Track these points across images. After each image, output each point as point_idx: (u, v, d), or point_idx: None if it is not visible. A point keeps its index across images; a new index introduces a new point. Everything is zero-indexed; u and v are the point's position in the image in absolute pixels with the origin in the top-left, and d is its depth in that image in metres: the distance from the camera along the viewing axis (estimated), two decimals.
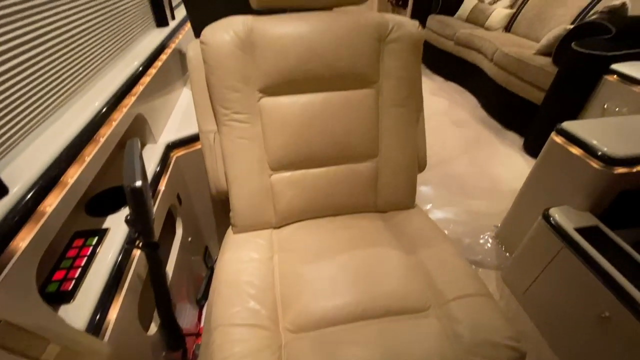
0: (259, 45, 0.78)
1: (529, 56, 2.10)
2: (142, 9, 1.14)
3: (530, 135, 2.06)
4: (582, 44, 1.67)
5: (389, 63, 0.85)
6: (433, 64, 3.37)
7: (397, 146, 0.92)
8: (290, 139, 0.85)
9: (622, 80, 1.56)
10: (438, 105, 2.72)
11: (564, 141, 1.07)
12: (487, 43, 2.53)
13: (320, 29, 0.80)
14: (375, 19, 0.83)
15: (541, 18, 2.60)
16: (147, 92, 0.94)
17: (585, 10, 2.30)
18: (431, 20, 3.25)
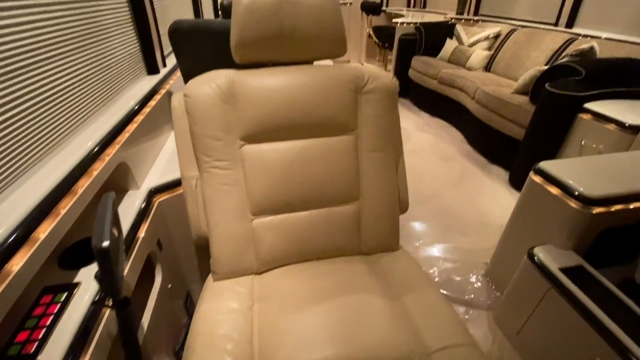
0: (240, 96, 0.81)
1: (507, 95, 2.21)
2: (134, 58, 1.19)
3: (515, 170, 2.10)
4: (555, 85, 1.76)
5: (366, 112, 0.89)
6: (419, 101, 3.50)
7: (378, 189, 0.93)
8: (272, 184, 0.86)
9: (595, 119, 1.63)
10: (425, 140, 2.79)
11: (542, 180, 1.10)
12: (468, 82, 2.65)
13: (300, 81, 0.84)
14: (351, 71, 0.87)
15: (517, 59, 2.76)
16: (132, 139, 0.95)
17: (557, 52, 2.46)
18: (415, 61, 3.43)
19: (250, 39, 0.80)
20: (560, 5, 2.70)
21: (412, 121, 3.19)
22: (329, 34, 0.83)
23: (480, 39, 3.12)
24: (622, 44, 2.14)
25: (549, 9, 2.85)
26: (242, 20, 0.78)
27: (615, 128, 1.54)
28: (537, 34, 2.71)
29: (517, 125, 2.10)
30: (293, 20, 0.80)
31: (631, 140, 1.50)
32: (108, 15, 1.01)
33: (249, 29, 0.79)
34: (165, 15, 1.76)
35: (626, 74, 1.78)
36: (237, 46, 0.81)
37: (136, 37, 1.22)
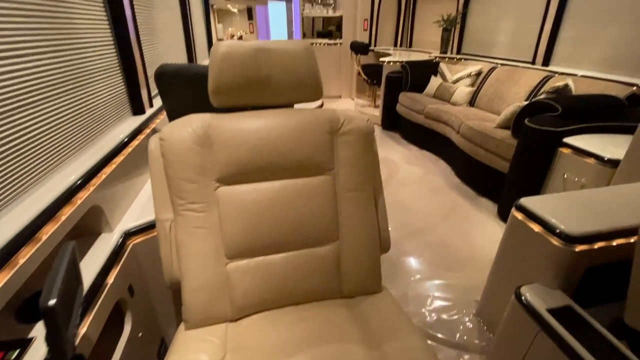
0: (216, 139, 0.82)
1: (490, 129, 2.27)
2: (118, 100, 1.21)
3: (502, 203, 2.11)
4: (534, 121, 1.82)
5: (342, 153, 0.89)
6: (408, 134, 3.59)
7: (357, 229, 0.92)
8: (248, 226, 0.84)
9: (575, 153, 1.67)
10: (414, 173, 2.82)
11: (524, 217, 1.09)
12: (453, 117, 2.74)
13: (276, 123, 0.85)
14: (327, 114, 0.89)
15: (499, 95, 2.87)
16: (109, 181, 0.94)
17: (536, 89, 2.57)
18: (402, 97, 3.55)
19: (227, 85, 0.82)
20: (535, 46, 2.86)
21: (401, 154, 3.24)
22: (304, 79, 0.86)
23: (463, 76, 3.26)
24: (596, 80, 2.24)
25: (526, 49, 3.02)
26: (219, 67, 0.81)
27: (595, 162, 1.57)
28: (516, 72, 2.84)
29: (502, 159, 2.13)
30: (269, 68, 0.83)
31: (611, 174, 1.52)
32: (94, 61, 1.04)
33: (225, 75, 0.81)
34: (159, 58, 1.83)
35: (601, 110, 1.84)
36: (214, 92, 0.83)
37: (123, 80, 1.25)
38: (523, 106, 1.99)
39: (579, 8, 2.52)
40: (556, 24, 2.66)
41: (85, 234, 0.92)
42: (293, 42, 0.85)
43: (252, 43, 0.83)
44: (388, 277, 1.65)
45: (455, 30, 3.89)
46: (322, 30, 6.08)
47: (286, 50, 0.83)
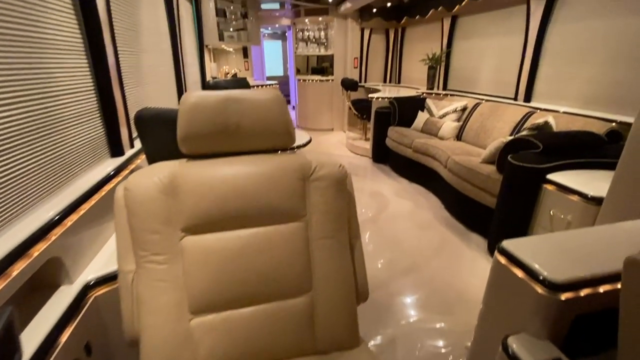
0: (183, 188, 0.80)
1: (476, 164, 2.28)
2: (96, 143, 1.21)
3: (492, 239, 2.07)
4: (517, 157, 1.83)
5: (314, 199, 0.88)
6: (397, 167, 3.61)
7: (332, 278, 0.88)
8: (214, 277, 0.80)
9: (559, 190, 1.67)
10: (403, 207, 2.80)
11: (507, 261, 1.05)
12: (440, 151, 2.77)
13: (246, 170, 0.84)
14: (299, 160, 0.88)
15: (484, 130, 2.93)
16: (74, 228, 0.91)
17: (519, 124, 2.63)
18: (391, 131, 3.62)
19: (196, 134, 0.82)
20: (516, 83, 2.97)
21: (391, 187, 3.24)
22: (275, 127, 0.86)
23: (449, 112, 3.34)
24: (576, 117, 2.30)
25: (508, 86, 3.13)
26: (188, 118, 0.81)
27: (579, 199, 1.57)
28: (500, 107, 2.93)
29: (489, 194, 2.13)
30: (239, 116, 0.83)
31: (596, 211, 1.51)
32: (70, 107, 1.05)
33: (194, 124, 0.81)
34: (145, 99, 1.86)
35: (581, 146, 1.87)
36: (183, 140, 0.82)
37: (102, 122, 1.25)
38: (506, 142, 2.02)
39: (554, 49, 2.65)
40: (534, 63, 2.78)
41: (43, 286, 0.87)
42: (264, 92, 0.86)
43: (222, 93, 0.83)
44: (375, 321, 1.57)
45: (440, 68, 4.06)
46: (316, 66, 6.33)
47: (256, 99, 0.84)
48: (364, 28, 5.15)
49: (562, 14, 2.56)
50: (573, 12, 2.47)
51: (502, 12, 3.15)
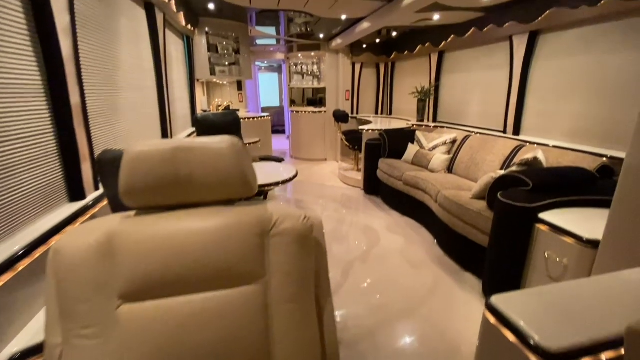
0: (122, 248, 0.71)
1: (467, 200, 2.20)
2: (51, 188, 1.12)
3: (486, 280, 1.95)
4: (507, 195, 1.76)
5: (274, 258, 0.78)
6: (389, 200, 3.53)
7: (295, 349, 0.76)
8: (156, 353, 0.68)
9: (553, 230, 1.58)
10: (395, 243, 2.68)
11: (496, 322, 0.94)
12: (430, 185, 2.70)
13: (195, 227, 0.75)
14: (257, 212, 0.79)
15: (475, 163, 2.89)
16: (6, 289, 0.80)
17: (509, 157, 2.58)
18: (382, 163, 3.58)
19: (141, 187, 0.73)
20: (505, 116, 2.97)
21: (382, 221, 3.13)
22: (231, 177, 0.78)
23: (438, 144, 3.32)
24: (566, 151, 2.26)
25: (497, 119, 3.13)
26: (131, 168, 0.73)
27: (574, 242, 1.47)
28: (489, 141, 2.90)
29: (480, 232, 2.03)
30: (190, 167, 0.75)
31: (593, 255, 1.41)
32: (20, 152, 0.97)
33: (138, 176, 0.73)
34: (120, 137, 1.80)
35: (572, 183, 1.81)
36: (125, 193, 0.74)
37: (60, 165, 1.17)
38: (496, 179, 1.96)
39: (539, 84, 2.66)
40: (521, 97, 2.79)
41: None
42: (218, 140, 0.79)
43: (171, 142, 0.76)
44: None
45: (429, 101, 4.10)
46: (312, 97, 6.44)
47: (209, 148, 0.77)
48: (355, 62, 5.28)
49: (544, 51, 2.60)
50: (554, 49, 2.51)
51: (487, 48, 3.22)
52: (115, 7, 1.74)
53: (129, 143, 1.85)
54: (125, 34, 1.87)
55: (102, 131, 1.53)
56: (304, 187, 4.30)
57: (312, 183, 4.47)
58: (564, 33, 2.42)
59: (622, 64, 2.07)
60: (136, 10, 2.03)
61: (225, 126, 3.30)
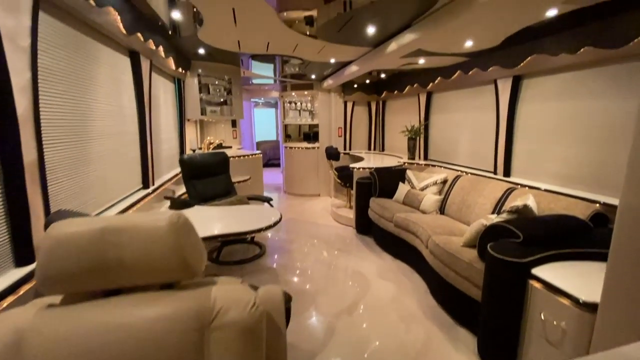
0: (31, 350, 0.60)
1: (457, 248, 2.09)
2: None
3: (480, 339, 1.79)
4: (497, 248, 1.66)
5: (216, 356, 0.67)
6: (381, 241, 3.40)
7: None
8: None
9: (547, 289, 1.46)
10: (385, 291, 2.53)
11: None
12: (421, 229, 2.60)
13: (124, 322, 0.64)
14: (197, 301, 0.69)
15: (466, 205, 2.81)
16: None
17: (501, 200, 2.51)
18: (372, 202, 3.50)
19: (63, 274, 0.64)
20: (494, 157, 2.93)
21: (373, 265, 2.99)
22: (167, 261, 0.69)
23: (429, 184, 3.26)
24: (558, 196, 2.19)
25: (486, 159, 3.10)
26: (52, 252, 0.64)
27: (571, 303, 1.35)
28: (480, 182, 2.84)
29: (473, 285, 1.90)
30: (119, 250, 0.67)
31: (592, 320, 1.29)
32: None
33: (60, 262, 0.64)
34: (93, 187, 1.73)
35: (564, 234, 1.72)
36: (44, 281, 0.65)
37: (6, 226, 1.08)
38: (485, 228, 1.86)
39: (526, 127, 2.65)
40: (509, 139, 2.77)
41: None
42: (155, 218, 0.70)
43: (100, 222, 0.68)
44: None
45: (420, 139, 4.10)
46: (308, 131, 6.48)
47: (143, 228, 0.68)
48: (347, 101, 5.37)
49: (528, 94, 2.61)
50: (538, 93, 2.53)
51: (474, 90, 3.26)
52: (95, 56, 1.74)
53: (102, 192, 1.76)
54: (105, 81, 1.86)
55: (66, 184, 1.46)
56: (295, 226, 4.18)
57: (303, 221, 4.35)
58: (547, 78, 2.45)
59: (607, 109, 2.06)
60: (119, 59, 2.04)
61: (213, 166, 3.26)
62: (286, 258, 3.18)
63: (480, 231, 1.96)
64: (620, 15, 1.75)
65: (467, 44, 2.39)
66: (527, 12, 1.71)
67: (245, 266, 3.00)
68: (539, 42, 2.31)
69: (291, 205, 5.25)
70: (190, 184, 3.00)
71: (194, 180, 3.04)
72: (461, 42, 2.37)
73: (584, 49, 1.96)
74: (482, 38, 2.29)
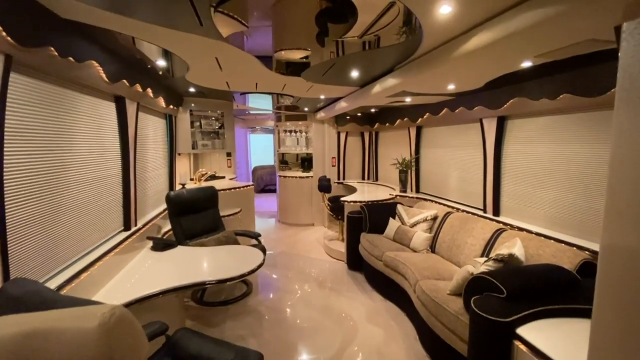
0: None
1: (444, 298, 2.02)
2: None
3: None
4: (480, 305, 1.60)
5: None
6: (371, 279, 3.31)
7: None
8: None
9: (533, 353, 1.39)
10: (372, 338, 2.42)
11: None
12: (409, 271, 2.53)
13: None
14: None
15: (456, 244, 2.75)
16: None
17: (490, 242, 2.45)
18: (363, 238, 3.44)
19: None
20: (483, 195, 2.90)
21: (362, 306, 2.89)
22: None
23: (419, 220, 3.21)
24: (546, 240, 2.14)
25: (476, 196, 3.07)
26: None
27: None
28: (470, 220, 2.80)
29: (459, 339, 1.82)
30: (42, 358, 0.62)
31: None
32: None
33: None
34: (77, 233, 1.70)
35: (551, 287, 1.65)
36: None
37: None
38: (469, 279, 1.80)
39: (512, 167, 2.64)
40: (497, 179, 2.75)
41: None
42: (84, 316, 0.66)
43: (21, 323, 0.64)
44: None
45: (411, 172, 4.10)
46: (305, 157, 6.47)
47: (69, 331, 0.64)
48: (340, 131, 5.42)
49: (513, 135, 2.62)
50: (523, 134, 2.53)
51: (462, 127, 3.28)
52: (73, 106, 1.75)
53: (78, 240, 1.72)
54: (85, 130, 1.87)
55: (35, 240, 1.42)
56: (286, 259, 4.10)
57: (295, 255, 4.27)
58: (531, 120, 2.46)
59: (590, 154, 2.05)
60: (101, 105, 2.05)
61: (201, 201, 3.23)
62: (274, 298, 3.08)
63: (467, 278, 1.90)
64: (596, 66, 1.78)
65: (450, 87, 2.43)
66: (503, 63, 1.73)
67: (230, 307, 2.91)
68: (520, 85, 2.34)
69: (284, 236, 5.17)
70: (176, 221, 2.96)
71: (181, 217, 3.00)
72: (444, 86, 2.40)
73: (563, 95, 1.97)
74: (464, 83, 2.32)
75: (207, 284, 1.97)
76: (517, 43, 1.40)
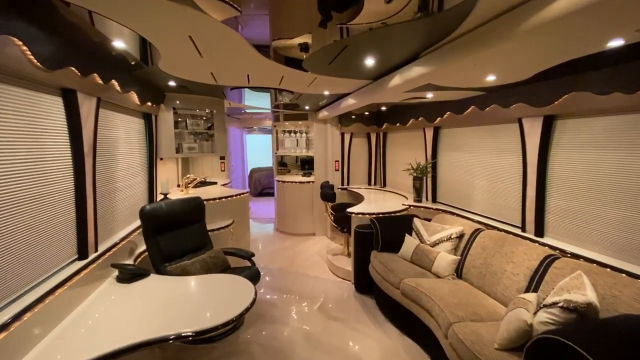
0: None
1: (491, 355, 1.53)
2: None
3: None
4: None
5: None
6: (384, 306, 2.82)
7: None
8: None
9: None
10: None
11: None
12: (436, 307, 2.03)
13: None
14: None
15: (491, 271, 2.26)
16: None
17: (537, 272, 1.96)
18: (374, 259, 2.94)
19: None
20: (522, 210, 2.41)
21: (375, 343, 2.40)
22: None
23: (442, 239, 2.72)
24: (621, 276, 1.64)
25: (511, 212, 2.58)
26: None
27: None
28: (507, 242, 2.30)
29: None
30: None
31: None
32: None
33: None
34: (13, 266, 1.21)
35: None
36: None
37: None
38: (534, 340, 1.31)
39: (563, 177, 2.14)
40: (541, 190, 2.26)
41: None
42: None
43: None
44: None
45: (427, 179, 3.61)
46: (305, 158, 5.97)
47: None
48: (345, 132, 4.92)
49: (564, 139, 2.12)
50: (578, 139, 2.03)
51: (492, 128, 2.78)
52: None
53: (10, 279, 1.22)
54: (9, 133, 1.38)
55: None
56: (285, 279, 3.60)
57: (294, 272, 3.78)
58: (591, 120, 1.96)
59: None
60: (39, 100, 1.56)
61: (183, 215, 2.72)
62: (267, 332, 2.59)
63: (523, 330, 1.41)
64: None
65: (490, 78, 1.93)
66: (587, 40, 1.23)
67: (217, 346, 2.41)
68: (577, 77, 1.85)
69: (282, 248, 4.67)
70: (152, 241, 2.46)
71: (158, 236, 2.50)
72: (482, 77, 1.91)
73: None
74: (509, 72, 1.83)
75: (183, 336, 1.49)
76: (625, 7, 0.92)
